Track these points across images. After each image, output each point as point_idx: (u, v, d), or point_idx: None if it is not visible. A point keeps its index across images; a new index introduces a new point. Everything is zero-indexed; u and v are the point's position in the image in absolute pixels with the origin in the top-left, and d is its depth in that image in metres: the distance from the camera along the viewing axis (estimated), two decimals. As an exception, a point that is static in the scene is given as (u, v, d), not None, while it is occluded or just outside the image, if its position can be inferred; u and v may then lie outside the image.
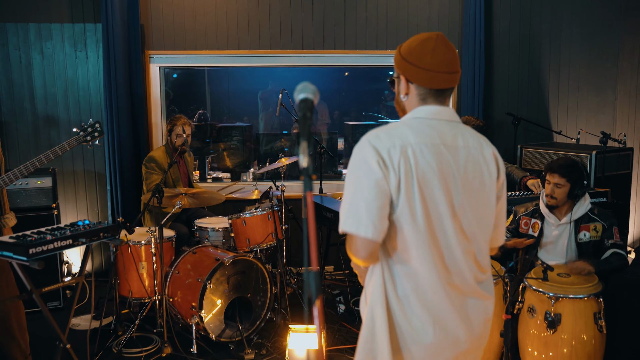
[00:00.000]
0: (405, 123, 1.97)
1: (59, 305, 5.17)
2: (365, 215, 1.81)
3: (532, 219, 3.75)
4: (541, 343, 3.25)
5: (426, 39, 1.96)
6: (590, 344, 3.17)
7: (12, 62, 5.78)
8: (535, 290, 3.29)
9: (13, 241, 3.01)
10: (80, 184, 6.00)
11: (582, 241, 3.59)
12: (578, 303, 3.19)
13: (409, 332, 1.91)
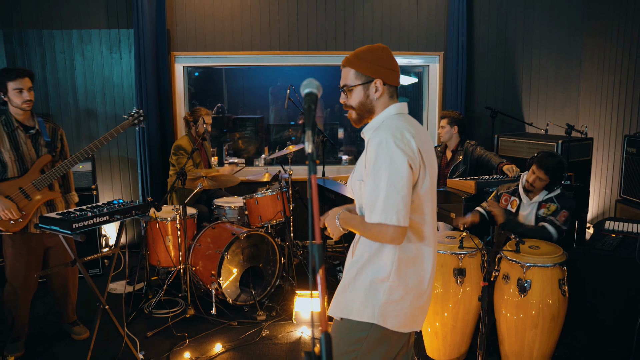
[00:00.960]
0: (400, 119, 2.10)
1: (99, 273, 5.23)
2: (403, 208, 1.94)
3: (511, 197, 3.78)
4: (513, 306, 3.28)
5: (383, 47, 2.20)
6: (555, 306, 3.20)
7: (58, 64, 5.78)
8: (510, 260, 3.31)
9: (59, 217, 3.05)
10: (115, 168, 6.02)
11: (539, 216, 3.64)
12: (545, 271, 3.21)
13: (412, 277, 2.10)
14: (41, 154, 3.64)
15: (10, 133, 3.55)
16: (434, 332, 3.56)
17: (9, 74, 3.49)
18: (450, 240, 3.60)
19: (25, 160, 3.58)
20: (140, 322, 4.22)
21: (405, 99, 8.10)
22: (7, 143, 3.53)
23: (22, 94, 3.51)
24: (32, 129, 3.63)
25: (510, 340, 3.35)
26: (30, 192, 3.56)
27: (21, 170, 3.57)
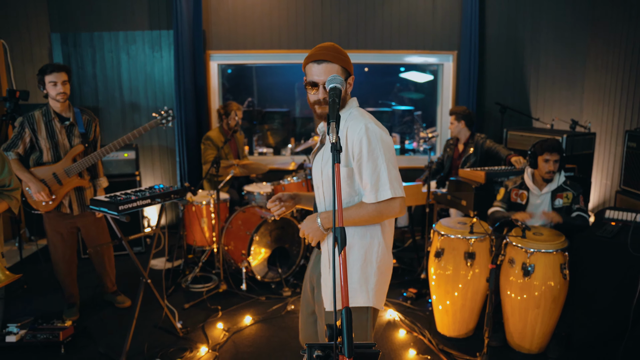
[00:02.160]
0: (360, 110, 2.09)
1: (141, 250, 5.30)
2: (401, 182, 2.00)
3: (519, 190, 3.71)
4: (518, 288, 3.25)
5: (338, 46, 2.06)
6: (556, 288, 3.17)
7: (106, 62, 5.85)
8: (515, 245, 3.27)
9: (107, 200, 3.10)
10: (156, 157, 6.09)
11: (556, 207, 3.55)
12: (548, 256, 3.17)
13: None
14: (74, 144, 3.70)
15: (48, 123, 3.62)
16: (445, 310, 3.55)
17: (45, 69, 3.57)
18: (462, 225, 3.57)
19: (59, 148, 3.65)
20: (178, 295, 4.29)
21: (421, 95, 8.03)
22: (44, 131, 3.60)
23: (56, 87, 3.57)
24: (67, 120, 3.69)
25: (514, 319, 3.33)
26: (62, 178, 3.63)
27: (55, 157, 3.64)
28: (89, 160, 3.66)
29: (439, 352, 3.38)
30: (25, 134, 3.57)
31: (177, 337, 3.59)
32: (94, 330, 3.70)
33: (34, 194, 3.54)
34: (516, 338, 3.37)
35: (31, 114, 3.61)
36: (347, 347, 0.97)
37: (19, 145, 3.57)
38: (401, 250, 5.30)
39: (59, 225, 3.76)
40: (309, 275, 2.30)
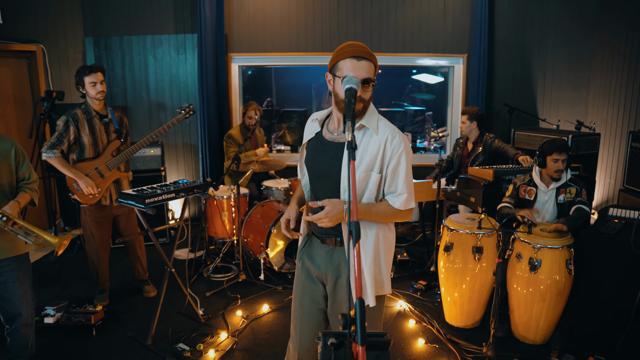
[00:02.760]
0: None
1: (166, 241, 5.35)
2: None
3: (528, 187, 3.65)
4: (524, 281, 3.22)
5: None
6: (561, 282, 3.13)
7: (134, 64, 5.91)
8: (523, 241, 3.24)
9: (135, 193, 3.13)
10: (180, 153, 6.14)
11: (560, 202, 3.51)
12: (555, 252, 3.13)
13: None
14: (111, 139, 3.76)
15: (89, 120, 3.68)
16: (453, 301, 3.53)
17: (84, 70, 3.62)
18: (470, 221, 3.55)
19: (98, 144, 3.71)
20: (200, 284, 4.32)
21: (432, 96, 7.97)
22: (87, 128, 3.66)
23: (96, 86, 3.63)
24: (105, 118, 3.75)
25: (519, 311, 3.30)
26: (104, 172, 3.71)
27: (95, 153, 3.71)
28: (127, 154, 3.74)
29: (447, 341, 3.37)
30: (70, 132, 3.61)
31: (198, 323, 3.62)
32: (122, 315, 3.75)
33: (83, 189, 3.60)
34: (521, 329, 3.34)
35: (74, 112, 3.65)
36: (361, 335, 0.97)
37: (64, 143, 3.60)
38: (412, 244, 5.28)
39: (98, 216, 3.82)
40: (314, 273, 2.15)
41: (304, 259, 2.20)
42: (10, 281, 2.67)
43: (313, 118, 2.19)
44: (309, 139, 2.15)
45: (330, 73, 1.96)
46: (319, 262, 2.13)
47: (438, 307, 3.84)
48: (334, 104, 2.01)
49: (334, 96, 1.97)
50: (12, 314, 2.73)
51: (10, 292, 2.68)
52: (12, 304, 2.70)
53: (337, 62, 1.91)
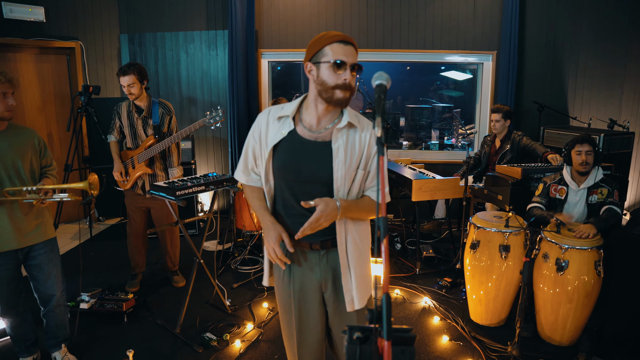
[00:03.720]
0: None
1: (195, 233, 5.43)
2: None
3: (559, 186, 3.55)
4: (551, 282, 3.14)
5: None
6: (589, 284, 3.04)
7: (167, 60, 5.99)
8: (550, 241, 3.16)
9: (166, 186, 3.18)
10: (210, 147, 6.21)
11: (591, 203, 3.40)
12: (583, 253, 3.05)
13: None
14: (148, 134, 3.84)
15: (129, 113, 3.84)
16: (478, 299, 3.48)
17: (118, 72, 3.73)
18: (498, 219, 3.48)
19: (137, 136, 3.86)
20: (228, 275, 4.37)
21: (460, 93, 7.86)
22: (126, 121, 3.85)
23: (124, 88, 3.75)
24: (142, 112, 3.85)
25: (545, 312, 3.23)
26: (135, 163, 3.86)
27: (134, 144, 3.87)
28: (155, 149, 3.81)
29: (471, 339, 3.32)
30: (116, 122, 3.90)
31: (226, 314, 3.67)
32: (152, 303, 3.83)
33: (114, 172, 3.87)
34: (547, 330, 3.27)
35: (119, 105, 3.90)
36: (387, 330, 0.96)
37: (114, 130, 3.92)
38: (438, 241, 5.22)
39: (133, 203, 3.99)
40: (310, 284, 1.96)
41: (294, 274, 1.97)
42: (44, 263, 2.80)
43: (278, 115, 1.90)
44: (279, 140, 1.87)
45: (312, 61, 1.81)
46: (314, 270, 1.95)
47: (463, 304, 3.80)
48: (316, 95, 1.82)
49: (318, 85, 1.79)
50: (46, 295, 2.86)
51: (44, 274, 2.81)
52: (47, 285, 2.83)
53: (321, 47, 1.77)
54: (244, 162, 2.02)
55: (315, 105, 1.85)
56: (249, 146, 2.00)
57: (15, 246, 2.68)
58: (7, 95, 2.57)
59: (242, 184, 2.07)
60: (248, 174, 2.02)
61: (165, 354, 3.15)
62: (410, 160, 5.55)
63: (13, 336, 2.87)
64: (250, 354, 3.15)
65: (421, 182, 4.22)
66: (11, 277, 2.73)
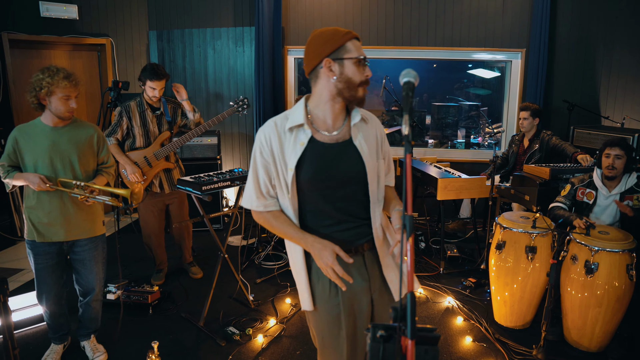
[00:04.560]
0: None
1: (220, 228, 5.49)
2: None
3: (587, 189, 3.45)
4: (579, 285, 3.07)
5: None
6: (620, 289, 2.95)
7: (194, 56, 6.06)
8: (579, 242, 3.08)
9: (192, 180, 3.22)
10: (235, 142, 6.26)
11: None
12: (614, 255, 2.96)
13: None
14: (162, 130, 3.88)
15: (142, 112, 3.85)
16: (503, 300, 3.42)
17: (150, 75, 3.74)
18: (524, 220, 3.42)
19: (149, 134, 3.87)
20: (251, 270, 4.40)
21: (487, 91, 7.73)
22: (138, 120, 3.83)
23: (154, 91, 3.79)
24: (158, 110, 3.89)
25: (573, 316, 3.15)
26: (152, 161, 3.86)
27: (146, 143, 3.86)
28: (174, 144, 3.85)
29: (495, 340, 3.27)
30: (123, 122, 3.83)
31: (248, 308, 3.70)
32: (177, 296, 3.89)
33: (129, 174, 3.79)
34: (574, 334, 3.19)
35: (127, 105, 3.85)
36: (411, 329, 0.96)
37: (118, 132, 3.83)
38: (462, 241, 5.16)
39: (150, 203, 3.98)
40: (359, 290, 1.85)
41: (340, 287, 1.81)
42: (87, 259, 2.86)
43: (288, 126, 1.77)
44: (303, 151, 1.75)
45: (332, 58, 1.71)
46: (362, 273, 1.86)
47: (487, 305, 3.74)
48: (334, 94, 1.75)
49: (340, 83, 1.72)
50: (86, 289, 2.94)
51: (86, 269, 2.88)
52: (88, 280, 2.91)
53: (343, 43, 1.71)
54: (256, 188, 1.82)
55: (332, 106, 1.77)
56: (259, 169, 1.80)
57: (62, 239, 2.76)
58: (71, 98, 2.65)
59: (256, 213, 1.86)
60: (264, 199, 1.83)
61: (188, 346, 3.19)
62: (435, 158, 5.49)
63: (50, 324, 2.97)
64: (273, 349, 3.17)
65: (447, 181, 4.18)
66: (56, 266, 2.81)
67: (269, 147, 1.77)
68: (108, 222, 5.77)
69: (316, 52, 1.74)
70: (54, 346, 3.00)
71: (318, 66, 1.74)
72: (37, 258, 2.75)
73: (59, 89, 2.59)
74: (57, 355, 2.98)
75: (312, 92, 1.82)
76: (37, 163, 2.66)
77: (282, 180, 1.78)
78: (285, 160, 1.76)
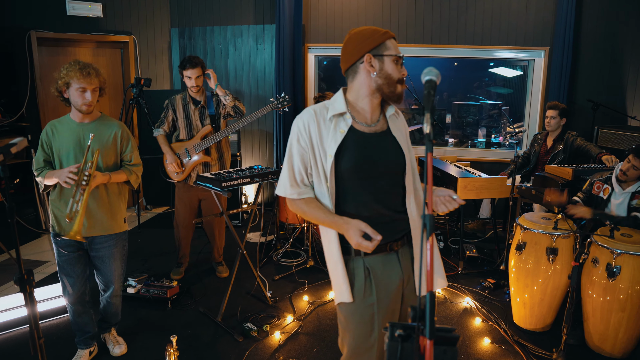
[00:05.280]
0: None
1: (239, 224, 5.53)
2: None
3: (604, 184, 3.42)
4: (601, 288, 3.00)
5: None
6: (645, 292, 2.89)
7: (215, 53, 6.11)
8: (600, 245, 3.02)
9: (213, 177, 3.25)
10: (256, 140, 6.29)
11: (632, 206, 3.25)
12: (637, 259, 2.89)
13: None
14: (205, 124, 3.93)
15: (185, 106, 3.94)
16: (522, 302, 3.38)
17: (185, 64, 3.84)
18: (546, 221, 3.37)
19: (192, 127, 3.95)
20: (269, 267, 4.42)
21: (509, 90, 7.63)
22: (182, 113, 3.93)
23: (191, 80, 3.85)
24: (199, 103, 3.94)
25: (595, 320, 3.09)
26: (191, 153, 3.92)
27: (188, 135, 3.95)
28: (212, 139, 3.90)
29: (514, 343, 3.23)
30: (168, 115, 3.97)
31: (266, 305, 3.72)
32: (195, 291, 3.93)
33: (168, 164, 3.91)
34: (596, 339, 3.13)
35: (173, 98, 3.98)
36: (429, 329, 0.95)
37: (165, 124, 3.97)
38: (482, 241, 5.11)
39: (185, 195, 4.06)
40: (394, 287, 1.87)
41: (377, 280, 1.82)
42: (107, 256, 2.86)
43: (329, 115, 1.80)
44: (343, 139, 1.78)
45: (372, 54, 1.75)
46: (395, 269, 1.86)
47: (506, 307, 3.70)
48: (373, 89, 1.79)
49: (380, 79, 1.77)
50: (105, 285, 2.97)
51: (106, 266, 2.89)
52: (107, 276, 2.92)
53: (383, 41, 1.76)
54: (291, 177, 1.83)
55: (370, 100, 1.81)
56: (295, 156, 1.82)
57: (83, 234, 2.72)
58: (86, 90, 2.64)
59: (290, 200, 1.87)
60: (298, 187, 1.83)
61: (206, 341, 3.22)
62: (455, 157, 5.44)
63: (74, 325, 2.95)
64: (290, 345, 3.19)
65: (467, 181, 4.14)
66: (78, 259, 2.81)
67: (308, 134, 1.79)
68: (128, 217, 5.86)
69: (357, 48, 1.78)
70: (80, 351, 2.98)
71: (358, 61, 1.78)
72: (60, 250, 2.78)
73: (74, 81, 2.61)
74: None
75: (349, 87, 1.86)
76: (62, 157, 2.70)
77: (321, 168, 1.79)
78: (325, 148, 1.78)
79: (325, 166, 1.78)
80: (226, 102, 3.87)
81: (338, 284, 1.84)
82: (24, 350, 3.10)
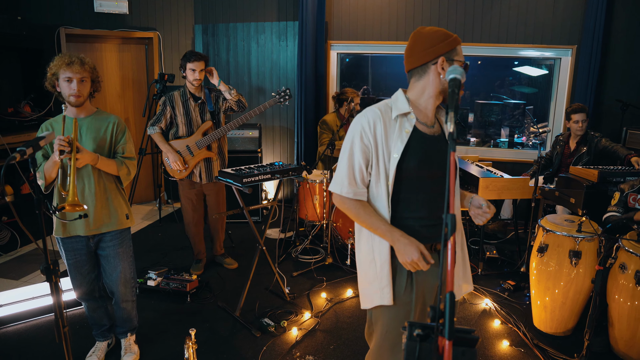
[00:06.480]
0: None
1: (258, 220, 5.54)
2: None
3: (638, 195, 3.31)
4: (629, 294, 2.93)
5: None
6: (673, 299, 2.81)
7: (238, 50, 6.15)
8: (629, 251, 2.95)
9: (233, 172, 3.27)
10: (276, 136, 6.32)
11: None
12: (666, 264, 2.82)
13: None
14: (205, 119, 3.95)
15: (184, 102, 3.93)
16: (543, 305, 3.32)
17: (189, 56, 3.83)
18: (569, 223, 3.30)
19: (192, 124, 3.94)
20: (288, 264, 4.44)
21: (533, 89, 7.51)
22: (182, 109, 3.92)
23: (194, 73, 3.84)
24: (200, 99, 3.95)
25: (621, 326, 3.02)
26: (193, 150, 3.93)
27: (188, 132, 3.95)
28: (216, 134, 3.92)
29: (533, 346, 3.18)
30: (166, 111, 3.93)
31: (284, 301, 3.73)
32: (214, 286, 3.97)
33: (171, 163, 3.89)
34: (622, 346, 3.06)
35: (171, 94, 3.95)
36: (448, 329, 0.94)
37: (162, 121, 3.94)
38: (502, 242, 5.04)
39: (190, 192, 4.07)
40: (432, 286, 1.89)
41: (417, 281, 1.84)
42: (111, 256, 2.77)
43: (398, 113, 1.80)
44: (409, 138, 1.79)
45: (446, 57, 1.77)
46: (433, 271, 1.85)
47: (526, 309, 3.64)
48: (438, 92, 1.81)
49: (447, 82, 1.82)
50: (110, 287, 2.85)
51: (111, 267, 2.79)
52: (111, 278, 2.81)
53: (455, 46, 1.79)
54: (350, 174, 1.81)
55: (434, 101, 1.83)
56: (357, 154, 1.80)
57: (83, 233, 2.67)
58: (72, 80, 2.54)
59: (343, 199, 1.85)
60: (356, 186, 1.82)
61: (224, 335, 3.26)
62: (477, 157, 5.37)
63: (90, 319, 2.96)
64: (307, 342, 3.20)
65: (488, 181, 4.08)
66: (82, 263, 2.74)
67: (373, 132, 1.78)
68: (150, 211, 5.94)
69: (432, 49, 1.77)
70: (98, 343, 2.99)
71: (430, 62, 1.78)
72: (67, 254, 2.73)
73: (60, 71, 2.55)
74: (100, 352, 2.96)
75: (411, 86, 1.86)
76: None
77: (382, 167, 1.79)
78: (389, 148, 1.78)
79: (387, 166, 1.78)
80: (231, 97, 3.92)
81: (381, 285, 1.83)
82: (50, 338, 3.18)
